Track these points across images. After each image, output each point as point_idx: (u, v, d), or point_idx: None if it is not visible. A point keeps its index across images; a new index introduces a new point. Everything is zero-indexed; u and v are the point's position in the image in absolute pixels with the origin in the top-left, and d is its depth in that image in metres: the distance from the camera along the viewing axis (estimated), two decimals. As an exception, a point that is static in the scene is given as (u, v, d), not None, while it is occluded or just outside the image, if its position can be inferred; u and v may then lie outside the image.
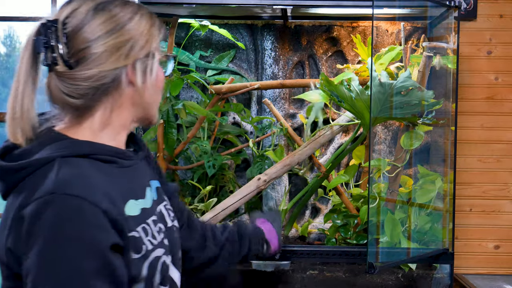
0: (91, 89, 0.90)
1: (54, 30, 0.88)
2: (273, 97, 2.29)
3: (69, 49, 0.88)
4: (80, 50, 0.88)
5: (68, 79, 0.89)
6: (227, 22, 2.30)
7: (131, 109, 0.96)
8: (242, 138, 2.32)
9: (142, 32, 0.94)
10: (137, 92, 0.94)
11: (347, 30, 2.28)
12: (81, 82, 0.89)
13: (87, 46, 0.88)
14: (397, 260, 1.86)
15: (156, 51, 0.97)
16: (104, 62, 0.89)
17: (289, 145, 2.28)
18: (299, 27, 2.30)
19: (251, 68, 2.34)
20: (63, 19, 0.89)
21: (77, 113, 0.92)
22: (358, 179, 2.26)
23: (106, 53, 0.90)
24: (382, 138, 2.31)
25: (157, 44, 0.97)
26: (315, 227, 2.24)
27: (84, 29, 0.89)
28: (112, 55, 0.90)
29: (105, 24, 0.90)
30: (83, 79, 0.89)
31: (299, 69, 2.35)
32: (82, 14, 0.89)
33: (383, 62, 2.00)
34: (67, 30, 0.88)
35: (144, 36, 0.94)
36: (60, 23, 0.88)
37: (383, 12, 2.16)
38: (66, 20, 0.89)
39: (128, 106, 0.96)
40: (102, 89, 0.91)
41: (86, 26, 0.89)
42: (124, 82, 0.93)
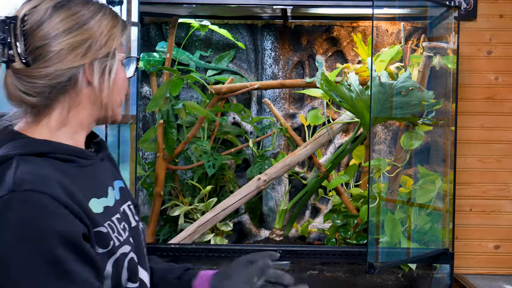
0: (47, 87, 0.89)
1: (12, 27, 0.87)
2: (273, 97, 2.29)
3: (26, 47, 0.87)
4: (37, 48, 0.88)
5: (25, 77, 0.88)
6: (227, 22, 2.30)
7: (89, 109, 0.95)
8: (242, 138, 2.32)
9: (102, 32, 0.93)
10: (94, 91, 0.93)
11: (347, 30, 2.28)
12: (37, 80, 0.88)
13: (45, 43, 0.88)
14: (397, 260, 1.86)
15: (117, 51, 0.96)
16: (61, 61, 0.88)
17: (289, 145, 2.28)
18: (299, 27, 2.30)
19: (251, 68, 2.34)
20: (22, 16, 0.88)
21: (34, 111, 0.91)
22: (358, 179, 2.26)
23: (64, 51, 0.89)
24: (382, 138, 2.31)
25: (118, 44, 0.96)
26: (315, 227, 2.24)
27: (42, 27, 0.88)
28: (69, 54, 0.89)
29: (64, 22, 0.90)
30: (39, 77, 0.88)
31: (299, 69, 2.34)
32: (41, 11, 0.89)
33: (383, 59, 2.00)
34: (26, 27, 0.88)
35: (104, 36, 0.93)
36: (19, 20, 0.88)
37: (383, 12, 2.16)
38: (26, 17, 0.88)
39: (86, 106, 0.95)
40: (58, 87, 0.90)
41: (45, 24, 0.88)
42: (81, 81, 0.92)
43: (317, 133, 2.15)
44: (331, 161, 2.15)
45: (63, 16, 0.90)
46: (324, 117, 2.16)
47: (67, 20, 0.90)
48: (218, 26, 2.21)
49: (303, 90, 2.18)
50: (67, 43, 0.89)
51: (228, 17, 2.28)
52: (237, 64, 2.34)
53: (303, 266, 1.96)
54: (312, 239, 2.23)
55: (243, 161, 2.32)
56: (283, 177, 2.25)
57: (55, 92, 0.90)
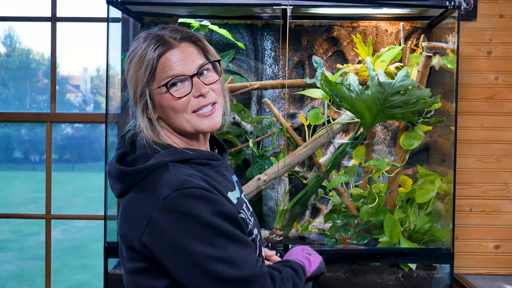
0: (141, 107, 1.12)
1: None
2: (273, 97, 2.29)
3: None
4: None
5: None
6: (227, 22, 2.30)
7: (172, 130, 1.14)
8: (242, 138, 2.32)
9: (130, 81, 1.12)
10: (155, 120, 1.12)
11: (347, 30, 2.28)
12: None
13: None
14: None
15: (149, 87, 1.10)
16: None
17: (289, 145, 2.28)
18: (299, 27, 2.30)
19: (251, 68, 2.34)
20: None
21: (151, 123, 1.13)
22: (358, 179, 2.26)
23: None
24: (382, 138, 2.31)
25: (146, 81, 1.10)
26: (315, 227, 2.24)
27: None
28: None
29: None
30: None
31: (299, 69, 2.35)
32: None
33: (384, 59, 2.00)
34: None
35: (133, 84, 1.11)
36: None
37: (383, 12, 2.16)
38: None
39: (168, 127, 1.14)
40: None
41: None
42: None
43: (317, 133, 2.15)
44: (331, 161, 2.15)
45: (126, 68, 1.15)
46: (324, 117, 2.16)
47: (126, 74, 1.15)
48: (218, 26, 2.21)
49: (303, 91, 2.18)
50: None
51: (228, 17, 2.28)
52: (237, 64, 2.34)
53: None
54: (312, 239, 2.23)
55: (243, 161, 2.32)
56: (283, 177, 2.25)
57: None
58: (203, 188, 1.01)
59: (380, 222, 2.02)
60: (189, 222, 0.98)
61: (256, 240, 1.13)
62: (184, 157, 1.08)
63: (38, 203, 7.58)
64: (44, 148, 2.52)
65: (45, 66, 5.34)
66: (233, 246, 1.00)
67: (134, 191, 1.05)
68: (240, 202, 1.14)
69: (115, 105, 2.30)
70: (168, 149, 1.10)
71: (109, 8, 1.93)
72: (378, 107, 1.83)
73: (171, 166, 1.05)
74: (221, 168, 1.17)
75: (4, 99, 3.61)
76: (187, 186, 1.00)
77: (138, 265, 1.05)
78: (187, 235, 0.98)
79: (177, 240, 0.98)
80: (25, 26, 2.89)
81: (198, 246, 0.98)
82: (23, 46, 5.37)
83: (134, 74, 1.11)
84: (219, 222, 1.00)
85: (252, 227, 1.13)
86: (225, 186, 1.12)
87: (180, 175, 1.02)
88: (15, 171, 10.25)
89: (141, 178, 1.05)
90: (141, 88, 1.10)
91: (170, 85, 1.10)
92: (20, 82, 3.92)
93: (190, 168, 1.07)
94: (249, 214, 1.16)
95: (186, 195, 0.99)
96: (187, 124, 1.11)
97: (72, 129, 5.07)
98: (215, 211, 1.00)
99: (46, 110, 2.60)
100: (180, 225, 0.98)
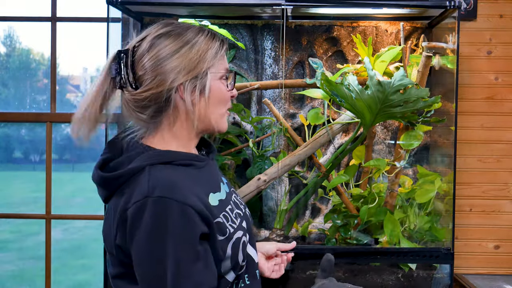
0: (151, 107, 1.08)
1: (124, 59, 1.08)
2: (273, 97, 2.30)
3: (134, 75, 1.08)
4: (140, 75, 1.08)
5: (134, 99, 1.09)
6: (227, 22, 2.30)
7: (191, 122, 1.12)
8: (242, 138, 2.32)
9: (191, 58, 1.08)
10: (190, 108, 1.10)
11: (347, 30, 2.28)
12: (142, 102, 1.08)
13: (144, 72, 1.07)
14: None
15: (211, 70, 1.11)
16: (157, 86, 1.07)
17: (289, 145, 2.28)
18: (299, 27, 2.30)
19: (251, 68, 2.35)
20: (132, 49, 1.09)
21: (150, 126, 1.12)
22: (358, 179, 2.26)
23: (157, 79, 1.07)
24: (382, 138, 2.31)
25: (211, 64, 1.11)
26: (315, 227, 2.24)
27: (142, 59, 1.08)
28: (162, 80, 1.07)
29: (152, 59, 1.07)
30: (143, 99, 1.08)
31: (299, 69, 2.35)
32: (143, 47, 1.09)
33: (384, 59, 2.00)
34: (133, 59, 1.08)
35: (194, 61, 1.09)
36: (129, 52, 1.09)
37: (383, 12, 2.16)
38: (134, 49, 1.09)
39: (188, 120, 1.11)
40: (159, 106, 1.08)
41: (144, 57, 1.08)
42: (177, 100, 1.09)
43: (317, 133, 2.15)
44: (331, 161, 2.15)
45: (153, 53, 1.08)
46: (324, 117, 2.16)
47: (153, 57, 1.08)
48: (218, 26, 2.21)
49: (303, 91, 2.18)
50: (159, 72, 1.07)
51: (228, 17, 2.28)
52: (237, 64, 2.34)
53: (303, 266, 1.96)
54: (312, 239, 2.23)
55: (243, 161, 2.33)
56: (283, 177, 2.25)
57: (158, 110, 1.09)
58: (172, 198, 0.99)
59: (380, 222, 2.02)
60: (151, 231, 0.98)
61: (239, 243, 1.11)
62: (164, 159, 1.08)
63: (38, 203, 7.61)
64: (44, 148, 2.52)
65: (45, 66, 5.34)
66: (185, 261, 0.99)
67: (116, 196, 1.06)
68: (223, 204, 1.13)
69: (115, 105, 2.30)
70: (148, 152, 1.09)
71: (109, 8, 1.93)
72: (378, 106, 1.83)
73: (148, 170, 1.04)
74: (206, 168, 1.16)
75: (4, 99, 3.60)
76: (156, 194, 0.99)
77: (117, 270, 1.06)
78: (148, 242, 0.98)
79: (139, 246, 0.99)
80: (25, 26, 2.89)
81: (158, 254, 0.98)
82: (23, 46, 5.37)
83: (197, 53, 1.09)
84: (179, 238, 0.98)
85: (236, 229, 1.12)
86: (208, 187, 1.11)
87: (153, 181, 1.02)
88: (15, 171, 10.23)
89: (122, 183, 1.05)
90: (204, 66, 1.10)
91: (223, 77, 1.14)
92: (20, 82, 3.92)
93: (172, 169, 1.07)
94: (234, 215, 1.14)
95: (153, 203, 0.98)
96: (220, 119, 1.15)
97: (72, 129, 5.09)
98: (178, 226, 0.98)
99: (46, 110, 2.60)
100: (143, 231, 0.98)
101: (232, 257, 1.09)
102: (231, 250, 1.08)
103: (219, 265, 1.07)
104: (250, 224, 1.23)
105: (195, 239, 1.00)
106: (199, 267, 1.00)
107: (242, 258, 1.12)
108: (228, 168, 2.24)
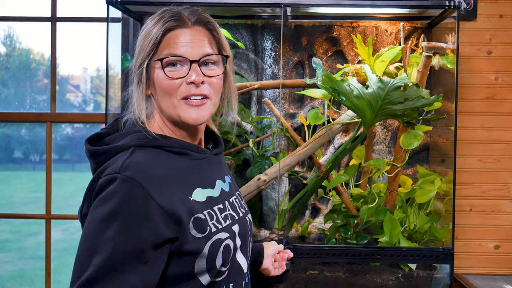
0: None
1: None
2: (273, 97, 2.30)
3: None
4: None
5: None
6: (227, 22, 2.30)
7: (161, 111, 1.09)
8: (242, 138, 2.32)
9: (137, 49, 1.08)
10: (144, 98, 1.09)
11: (347, 30, 2.28)
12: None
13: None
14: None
15: (150, 58, 1.06)
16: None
17: (289, 145, 2.28)
18: (299, 27, 2.30)
19: (251, 68, 2.35)
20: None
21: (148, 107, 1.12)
22: (358, 179, 2.26)
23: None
24: (382, 138, 2.31)
25: (147, 53, 1.05)
26: (315, 227, 2.24)
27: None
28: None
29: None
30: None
31: (299, 69, 2.35)
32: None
33: (384, 59, 2.00)
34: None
35: (137, 52, 1.08)
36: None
37: (383, 12, 2.16)
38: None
39: (157, 109, 1.10)
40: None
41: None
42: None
43: (317, 133, 2.15)
44: (331, 161, 2.15)
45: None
46: (324, 117, 2.16)
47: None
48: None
49: (303, 91, 2.18)
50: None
51: (228, 17, 2.28)
52: (237, 64, 2.34)
53: (303, 266, 1.96)
54: (312, 239, 2.23)
55: (243, 161, 2.33)
56: (283, 177, 2.25)
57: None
58: (140, 183, 0.96)
59: (380, 222, 2.02)
60: (106, 207, 0.95)
61: (219, 245, 1.05)
62: (154, 143, 1.05)
63: (38, 203, 7.64)
64: (44, 148, 2.52)
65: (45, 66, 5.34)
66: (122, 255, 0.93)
67: (100, 170, 1.04)
68: (212, 202, 1.08)
69: (115, 105, 2.30)
70: (141, 132, 1.06)
71: (109, 8, 1.93)
72: (379, 102, 1.83)
73: (132, 150, 1.02)
74: (204, 161, 1.11)
75: (4, 99, 3.61)
76: (126, 173, 0.96)
77: None
78: (98, 219, 0.95)
79: (89, 218, 0.97)
80: (25, 26, 2.89)
81: (106, 231, 0.94)
82: (23, 46, 5.38)
83: (139, 44, 1.07)
84: (128, 227, 0.94)
85: (219, 230, 1.06)
86: (197, 181, 1.07)
87: (131, 160, 0.99)
88: (15, 171, 10.23)
89: (108, 158, 1.03)
90: (141, 58, 1.06)
91: (168, 64, 1.05)
92: (20, 82, 3.92)
93: (158, 155, 1.03)
94: (223, 216, 1.08)
95: (120, 180, 0.96)
96: (173, 110, 1.06)
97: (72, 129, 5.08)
98: (133, 212, 0.95)
99: (46, 110, 2.60)
100: (99, 203, 0.96)
101: (208, 257, 1.03)
102: (209, 250, 1.03)
103: (193, 263, 1.01)
104: (247, 230, 1.16)
105: (147, 235, 0.95)
106: (138, 270, 0.94)
107: (221, 262, 1.05)
108: (228, 168, 2.24)
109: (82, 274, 0.92)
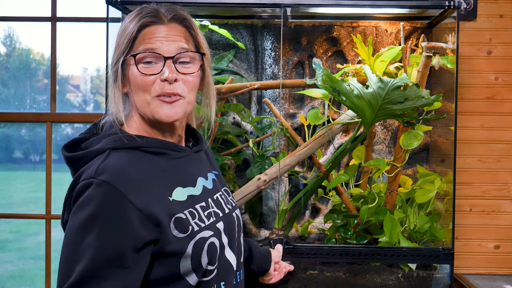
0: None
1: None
2: (273, 97, 2.29)
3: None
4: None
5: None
6: (227, 22, 2.30)
7: (137, 110, 1.08)
8: (242, 138, 2.32)
9: (115, 46, 1.08)
10: (121, 96, 1.08)
11: (347, 30, 2.28)
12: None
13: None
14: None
15: (123, 56, 1.05)
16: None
17: (289, 145, 2.28)
18: (299, 27, 2.30)
19: (251, 68, 2.35)
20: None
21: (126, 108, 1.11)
22: (358, 179, 2.26)
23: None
24: (382, 138, 2.31)
25: (123, 50, 1.05)
26: (315, 227, 2.24)
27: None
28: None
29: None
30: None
31: (299, 69, 2.35)
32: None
33: (383, 59, 2.00)
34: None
35: (115, 49, 1.07)
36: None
37: (383, 12, 2.16)
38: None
39: (134, 107, 1.09)
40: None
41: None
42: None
43: (317, 133, 2.15)
44: (331, 161, 2.15)
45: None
46: (324, 117, 2.16)
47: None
48: (218, 26, 2.21)
49: (303, 91, 2.18)
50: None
51: (228, 17, 2.28)
52: (237, 64, 2.34)
53: (303, 266, 1.95)
54: (312, 239, 2.23)
55: (243, 161, 2.32)
56: (283, 177, 2.25)
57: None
58: (115, 186, 0.94)
59: (380, 222, 2.02)
60: (83, 214, 0.95)
61: (203, 244, 1.03)
62: (130, 145, 1.03)
63: (38, 203, 7.63)
64: (44, 148, 2.52)
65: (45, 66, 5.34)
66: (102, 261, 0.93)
67: (77, 175, 1.03)
68: (194, 200, 1.06)
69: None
70: (117, 135, 1.04)
71: (109, 8, 1.93)
72: (379, 102, 1.83)
73: (107, 154, 1.01)
74: (183, 160, 1.09)
75: (4, 99, 3.61)
76: (101, 178, 0.95)
77: None
78: (77, 226, 0.95)
79: (69, 225, 0.98)
80: (25, 26, 2.89)
81: (84, 238, 0.94)
82: (23, 46, 5.37)
83: (116, 41, 1.06)
84: (106, 232, 0.93)
85: (202, 229, 1.04)
86: (176, 180, 1.05)
87: (106, 164, 0.98)
88: (15, 171, 10.23)
89: (85, 163, 1.02)
90: (117, 55, 1.05)
91: (142, 60, 1.04)
92: (20, 82, 3.92)
93: (134, 157, 1.01)
94: (206, 214, 1.07)
95: (96, 185, 0.95)
96: (147, 107, 1.05)
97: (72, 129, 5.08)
98: (110, 217, 0.94)
99: (46, 110, 2.60)
100: (77, 210, 0.96)
101: (193, 256, 1.01)
102: (192, 249, 1.01)
103: (178, 263, 1.00)
104: (233, 226, 1.14)
105: (126, 238, 0.94)
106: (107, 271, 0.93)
107: (207, 261, 1.04)
108: (228, 168, 2.24)
109: (65, 282, 0.92)
